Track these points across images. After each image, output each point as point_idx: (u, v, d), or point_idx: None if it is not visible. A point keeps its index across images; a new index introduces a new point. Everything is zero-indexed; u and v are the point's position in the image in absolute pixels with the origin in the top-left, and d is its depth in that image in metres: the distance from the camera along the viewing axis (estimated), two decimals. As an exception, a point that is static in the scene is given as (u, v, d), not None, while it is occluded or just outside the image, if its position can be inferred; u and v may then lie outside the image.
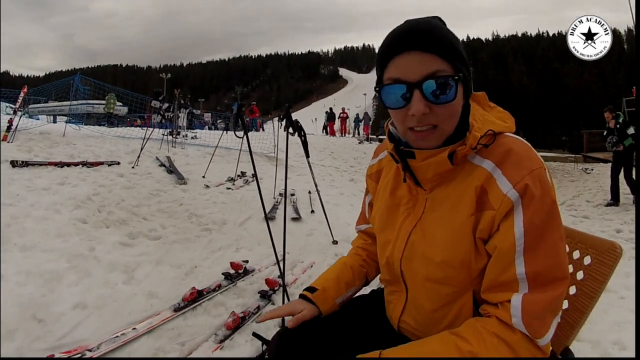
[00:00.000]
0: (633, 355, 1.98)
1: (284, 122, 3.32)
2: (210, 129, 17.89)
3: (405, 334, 1.02)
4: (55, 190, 4.29)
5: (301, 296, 1.09)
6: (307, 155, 4.04)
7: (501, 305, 0.81)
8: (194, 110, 22.56)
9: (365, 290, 1.21)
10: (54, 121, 12.38)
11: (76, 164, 5.56)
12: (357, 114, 23.56)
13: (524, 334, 0.79)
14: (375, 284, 1.20)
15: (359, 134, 21.19)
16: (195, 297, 2.26)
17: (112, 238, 3.16)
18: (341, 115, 23.24)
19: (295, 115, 3.48)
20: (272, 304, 2.38)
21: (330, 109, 23.27)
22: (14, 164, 4.99)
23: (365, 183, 1.18)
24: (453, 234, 0.84)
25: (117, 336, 1.88)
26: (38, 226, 3.20)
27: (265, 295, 2.42)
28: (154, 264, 2.79)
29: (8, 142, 6.17)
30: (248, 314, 2.17)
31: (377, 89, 0.84)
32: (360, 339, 1.04)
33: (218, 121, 22.38)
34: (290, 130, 3.17)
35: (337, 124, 22.70)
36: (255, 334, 1.90)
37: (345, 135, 21.50)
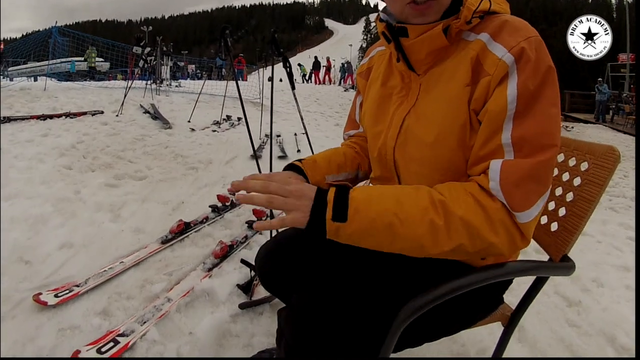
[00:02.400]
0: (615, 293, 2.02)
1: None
2: (193, 79, 17.08)
3: None
4: (39, 141, 4.04)
5: (288, 167, 0.95)
6: (293, 87, 3.80)
7: (483, 174, 0.70)
8: (178, 63, 21.47)
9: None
10: (35, 80, 11.60)
11: (59, 116, 5.25)
12: (342, 64, 22.78)
13: (502, 205, 0.67)
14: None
15: (344, 82, 20.51)
16: (183, 229, 2.14)
17: (98, 180, 2.98)
18: (325, 65, 22.49)
19: (279, 66, 3.25)
20: (259, 233, 2.28)
21: (315, 57, 22.45)
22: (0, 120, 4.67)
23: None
24: (448, 107, 0.74)
25: (105, 270, 1.76)
26: (22, 175, 3.00)
27: (252, 225, 2.32)
28: (140, 202, 2.64)
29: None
30: (236, 243, 2.07)
31: None
32: (349, 250, 0.93)
33: (201, 72, 21.32)
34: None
35: (321, 73, 22.08)
36: (243, 261, 1.81)
37: (330, 84, 20.90)
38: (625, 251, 2.58)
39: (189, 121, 5.79)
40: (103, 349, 1.28)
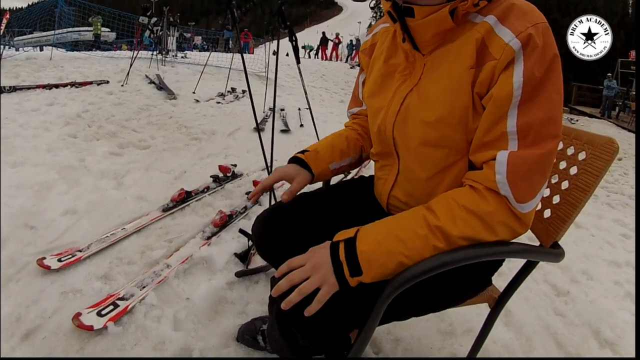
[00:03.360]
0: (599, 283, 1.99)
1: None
2: (201, 51, 16.74)
3: (393, 212, 0.89)
4: (45, 110, 3.99)
5: (292, 160, 0.97)
6: (298, 62, 3.70)
7: (486, 165, 0.69)
8: (184, 34, 21.00)
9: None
10: (41, 50, 11.38)
11: (64, 85, 5.15)
12: (351, 40, 22.25)
13: (499, 203, 0.67)
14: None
15: (351, 59, 20.08)
16: (184, 198, 2.13)
17: (102, 149, 2.95)
18: (334, 40, 21.98)
19: (286, 41, 3.14)
20: (259, 204, 2.27)
21: (323, 33, 21.94)
22: (1, 90, 4.58)
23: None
24: (451, 88, 0.72)
25: (107, 236, 1.77)
26: (28, 144, 2.98)
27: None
28: (144, 171, 2.62)
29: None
30: (235, 213, 2.06)
31: None
32: (345, 222, 0.92)
33: (207, 44, 20.83)
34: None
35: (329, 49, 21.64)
36: (241, 230, 1.80)
37: (337, 61, 20.49)
38: (618, 247, 2.57)
39: (193, 92, 5.68)
40: (103, 312, 1.29)
